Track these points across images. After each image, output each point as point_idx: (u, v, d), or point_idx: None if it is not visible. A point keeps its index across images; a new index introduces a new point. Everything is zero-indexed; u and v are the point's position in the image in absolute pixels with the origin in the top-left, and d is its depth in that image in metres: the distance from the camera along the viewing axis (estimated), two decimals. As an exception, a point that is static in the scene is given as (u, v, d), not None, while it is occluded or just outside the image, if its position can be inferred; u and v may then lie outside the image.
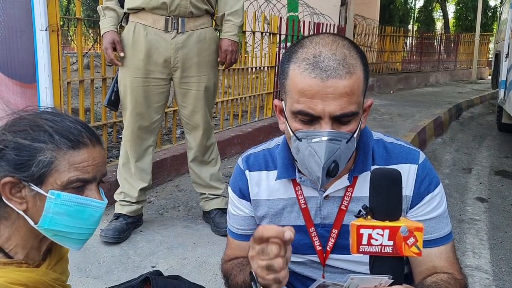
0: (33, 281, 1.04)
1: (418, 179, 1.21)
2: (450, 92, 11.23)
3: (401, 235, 0.90)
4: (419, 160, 1.23)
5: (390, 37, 12.19)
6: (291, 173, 1.24)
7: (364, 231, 0.91)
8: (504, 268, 2.71)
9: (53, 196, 1.02)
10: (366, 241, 0.91)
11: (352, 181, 1.21)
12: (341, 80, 1.06)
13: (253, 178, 1.30)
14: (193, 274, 2.32)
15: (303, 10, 7.71)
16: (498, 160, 5.40)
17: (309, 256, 1.27)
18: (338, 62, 1.07)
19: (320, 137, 1.08)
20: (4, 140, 1.02)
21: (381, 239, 0.91)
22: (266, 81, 5.73)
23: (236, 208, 1.34)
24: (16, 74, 2.69)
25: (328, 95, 1.06)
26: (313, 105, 1.07)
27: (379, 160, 1.23)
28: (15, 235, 1.06)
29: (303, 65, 1.08)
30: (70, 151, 1.02)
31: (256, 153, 1.34)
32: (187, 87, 2.68)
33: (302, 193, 1.25)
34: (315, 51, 1.09)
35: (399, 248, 0.91)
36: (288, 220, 1.26)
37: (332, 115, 1.07)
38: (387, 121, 6.57)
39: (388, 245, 0.91)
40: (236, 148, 4.58)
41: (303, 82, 1.08)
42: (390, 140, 1.28)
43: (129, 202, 2.73)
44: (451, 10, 27.13)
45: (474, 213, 3.61)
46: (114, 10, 2.59)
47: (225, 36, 2.70)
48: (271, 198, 1.28)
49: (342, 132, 1.09)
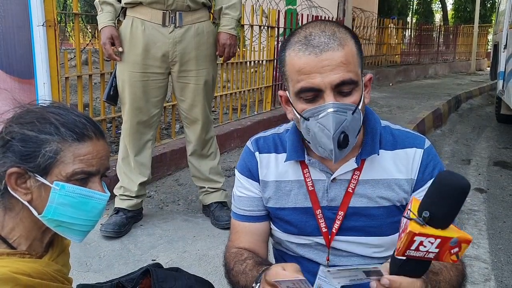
0: (37, 271, 1.05)
1: (423, 163, 1.24)
2: (449, 84, 11.22)
3: (450, 245, 0.89)
4: (424, 145, 1.26)
5: (389, 29, 12.16)
6: (300, 155, 1.26)
7: (417, 238, 0.88)
8: (503, 257, 2.73)
9: (57, 187, 1.03)
10: (415, 247, 0.89)
11: (359, 164, 1.23)
12: (334, 52, 1.10)
13: (263, 159, 1.33)
14: (193, 267, 2.33)
15: (301, 3, 7.69)
16: (497, 151, 5.41)
17: (314, 238, 1.28)
18: (329, 37, 1.12)
19: (326, 109, 1.10)
20: (11, 132, 1.04)
21: (429, 246, 0.89)
22: (265, 75, 5.73)
23: (244, 189, 1.35)
24: (14, 69, 2.69)
25: (325, 67, 1.10)
26: (312, 79, 1.10)
27: (386, 145, 1.25)
28: (19, 226, 1.08)
29: (297, 47, 1.13)
30: (75, 143, 1.04)
31: (265, 136, 1.36)
32: (185, 81, 2.68)
33: (310, 176, 1.27)
34: (305, 33, 1.15)
35: (441, 255, 0.90)
36: (295, 202, 1.28)
37: (332, 85, 1.10)
38: (386, 114, 6.57)
39: (433, 252, 0.90)
40: (235, 142, 4.59)
41: (299, 61, 1.12)
42: (397, 127, 1.31)
43: (128, 196, 2.74)
44: (449, 1, 27.06)
45: (473, 203, 3.63)
46: (112, 5, 2.58)
47: (223, 29, 2.70)
48: (279, 179, 1.30)
49: (346, 103, 1.12)
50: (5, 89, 2.65)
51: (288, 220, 1.30)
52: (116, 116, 3.82)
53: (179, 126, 4.33)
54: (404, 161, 1.24)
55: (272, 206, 1.32)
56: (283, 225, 1.32)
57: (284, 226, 1.32)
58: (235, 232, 1.39)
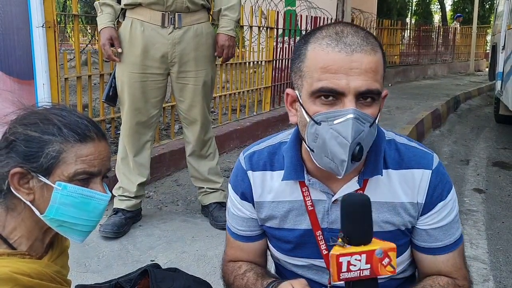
0: (36, 272, 1.06)
1: (431, 186, 1.15)
2: (448, 85, 11.22)
3: (377, 257, 0.94)
4: (432, 165, 1.17)
5: (388, 30, 12.17)
6: (299, 175, 1.16)
7: (343, 259, 0.93)
8: (501, 258, 2.73)
9: (60, 187, 1.05)
10: (345, 268, 0.94)
11: (362, 185, 1.14)
12: (366, 55, 1.01)
13: (257, 178, 1.23)
14: (192, 267, 2.34)
15: (300, 4, 7.71)
16: (495, 151, 5.42)
17: (314, 260, 1.22)
18: (362, 39, 1.03)
19: (345, 115, 0.99)
20: (15, 133, 1.05)
21: (359, 264, 0.94)
22: (264, 76, 5.74)
23: (237, 209, 1.28)
24: (13, 70, 2.69)
25: (353, 69, 1.00)
26: (337, 80, 1.00)
27: (392, 164, 1.16)
28: (20, 226, 1.09)
29: (325, 41, 1.03)
30: (77, 144, 1.06)
31: (259, 150, 1.25)
32: (184, 82, 2.69)
33: (310, 196, 1.18)
34: (336, 29, 1.05)
35: (375, 269, 0.94)
36: (294, 223, 1.20)
37: (357, 91, 1.00)
38: (385, 114, 6.57)
39: (366, 269, 0.94)
40: (234, 143, 4.59)
41: (326, 57, 1.01)
42: (403, 141, 1.20)
43: (127, 197, 2.75)
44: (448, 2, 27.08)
45: (471, 204, 3.63)
46: (111, 6, 2.59)
47: (222, 31, 2.71)
48: (275, 200, 1.21)
49: (367, 113, 1.02)
50: (5, 90, 2.66)
51: (286, 241, 1.23)
52: (115, 117, 3.82)
53: (178, 127, 4.34)
54: (411, 183, 1.15)
55: (268, 227, 1.25)
56: (280, 246, 1.25)
57: (282, 247, 1.25)
58: (231, 247, 1.35)
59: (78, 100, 3.40)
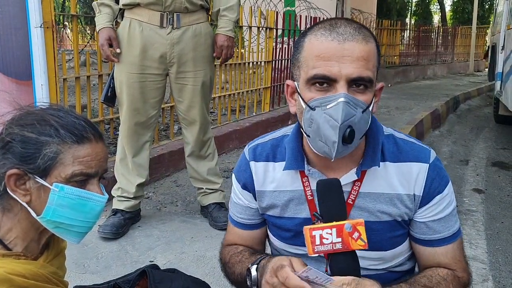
0: (32, 273, 1.06)
1: (428, 179, 1.19)
2: (448, 85, 11.24)
3: (346, 231, 1.04)
4: (430, 159, 1.21)
5: (388, 30, 12.18)
6: (300, 165, 1.21)
7: (316, 233, 1.04)
8: (501, 258, 2.73)
9: (57, 189, 1.04)
10: (319, 241, 1.04)
11: (360, 176, 1.18)
12: (358, 44, 1.06)
13: (259, 169, 1.28)
14: (191, 268, 2.33)
15: (299, 4, 7.71)
16: (495, 151, 5.42)
17: None
18: (354, 29, 1.08)
19: (336, 99, 1.05)
20: (12, 134, 1.05)
21: (330, 237, 1.04)
22: (264, 76, 5.74)
23: (238, 197, 1.35)
24: (11, 71, 2.69)
25: (345, 57, 1.05)
26: (330, 67, 1.06)
27: (389, 156, 1.20)
28: (16, 227, 1.09)
29: (320, 32, 1.09)
30: (74, 145, 1.05)
31: (263, 143, 1.31)
32: (183, 82, 2.69)
33: (309, 185, 1.22)
34: (331, 22, 1.11)
35: (347, 243, 1.04)
36: (294, 212, 1.25)
37: (348, 78, 1.05)
38: (385, 114, 6.58)
39: (338, 242, 1.04)
40: (234, 143, 4.59)
41: (320, 46, 1.08)
42: (401, 136, 1.25)
43: (126, 197, 2.74)
44: (448, 3, 27.11)
45: (471, 204, 3.63)
46: (110, 7, 2.59)
47: (221, 31, 2.71)
48: (277, 189, 1.26)
49: (358, 99, 1.07)
50: (2, 91, 2.65)
51: (286, 229, 1.27)
52: (114, 117, 3.82)
53: (177, 127, 4.34)
54: (408, 176, 1.19)
55: (270, 215, 1.30)
56: (280, 234, 1.30)
57: (282, 235, 1.29)
58: (230, 233, 1.40)
59: (77, 100, 3.40)
